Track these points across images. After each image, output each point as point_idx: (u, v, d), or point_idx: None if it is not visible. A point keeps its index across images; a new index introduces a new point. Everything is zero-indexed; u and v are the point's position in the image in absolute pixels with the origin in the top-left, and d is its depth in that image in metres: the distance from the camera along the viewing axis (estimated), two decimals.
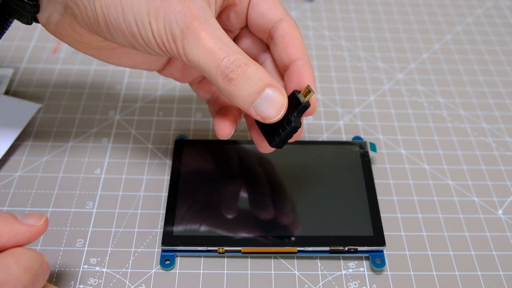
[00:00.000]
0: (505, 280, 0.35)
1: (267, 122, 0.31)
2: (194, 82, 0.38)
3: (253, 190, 0.38)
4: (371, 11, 0.57)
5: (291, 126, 0.31)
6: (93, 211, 0.38)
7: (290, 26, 0.33)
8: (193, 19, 0.29)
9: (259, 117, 0.30)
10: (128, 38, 0.30)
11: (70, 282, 0.34)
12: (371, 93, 0.47)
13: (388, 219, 0.38)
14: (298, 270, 0.35)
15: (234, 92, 0.30)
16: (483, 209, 0.39)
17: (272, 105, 0.30)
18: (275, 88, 0.30)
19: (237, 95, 0.30)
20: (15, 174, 0.39)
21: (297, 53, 0.33)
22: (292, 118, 0.31)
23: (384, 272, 0.35)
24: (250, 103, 0.30)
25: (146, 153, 0.41)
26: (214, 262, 0.35)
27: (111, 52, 0.35)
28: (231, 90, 0.29)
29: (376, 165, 0.41)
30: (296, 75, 0.32)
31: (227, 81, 0.29)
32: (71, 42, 0.34)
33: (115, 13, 0.29)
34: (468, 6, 0.59)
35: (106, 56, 0.35)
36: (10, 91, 0.45)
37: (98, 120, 0.44)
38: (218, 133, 0.34)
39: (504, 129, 0.45)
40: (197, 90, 0.39)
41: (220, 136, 0.34)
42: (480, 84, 0.49)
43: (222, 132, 0.34)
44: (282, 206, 0.37)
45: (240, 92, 0.29)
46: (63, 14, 0.32)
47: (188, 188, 0.37)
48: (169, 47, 0.30)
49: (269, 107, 0.30)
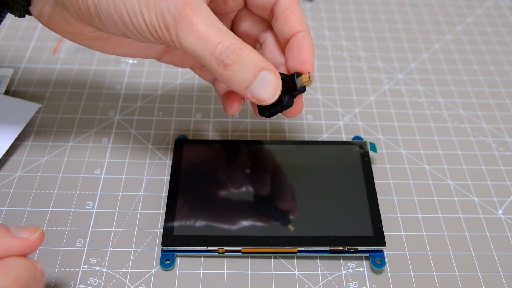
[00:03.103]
0: (505, 280, 0.35)
1: (262, 105, 0.32)
2: (196, 66, 0.39)
3: (253, 190, 0.38)
4: (371, 11, 0.57)
5: (281, 106, 0.33)
6: (93, 211, 0.38)
7: (290, 1, 0.33)
8: (184, 5, 0.29)
9: (255, 100, 0.31)
10: (121, 27, 0.30)
11: (70, 282, 0.34)
12: (371, 93, 0.47)
13: (388, 219, 0.38)
14: (298, 270, 0.35)
15: (230, 77, 0.30)
16: (483, 209, 0.39)
17: (267, 87, 0.31)
18: (270, 71, 0.31)
19: (233, 80, 0.30)
20: (15, 174, 0.39)
21: (298, 26, 0.33)
22: (285, 99, 0.32)
23: (384, 272, 0.35)
24: (246, 87, 0.30)
25: (146, 153, 0.41)
26: (214, 262, 0.35)
27: (105, 42, 0.35)
28: (227, 75, 0.30)
29: (376, 165, 0.41)
30: (296, 46, 0.33)
31: (223, 66, 0.30)
32: (65, 33, 0.34)
33: (106, 3, 0.29)
34: (468, 6, 0.59)
35: (101, 46, 0.35)
36: (10, 91, 0.45)
37: (98, 120, 0.44)
38: (226, 110, 0.36)
39: (504, 129, 0.45)
40: (200, 74, 0.40)
41: (228, 112, 0.35)
42: (480, 84, 0.49)
43: (230, 109, 0.35)
44: (282, 206, 0.37)
45: (236, 77, 0.30)
46: (55, 7, 0.32)
47: (188, 188, 0.37)
48: (162, 35, 0.30)
49: (264, 90, 0.31)
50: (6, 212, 0.37)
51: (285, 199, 0.37)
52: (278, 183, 0.38)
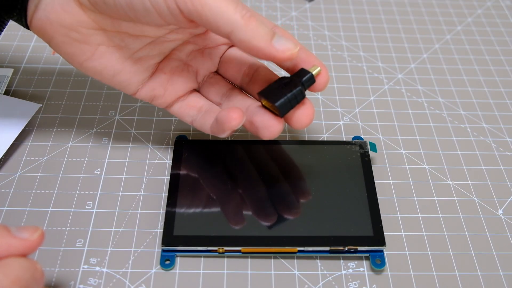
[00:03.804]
0: (505, 280, 0.35)
1: (287, 56, 0.31)
2: (180, 98, 0.38)
3: (253, 190, 0.38)
4: (371, 11, 0.57)
5: (298, 88, 0.33)
6: (93, 211, 0.38)
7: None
8: None
9: (280, 51, 0.31)
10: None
11: (70, 282, 0.34)
12: (371, 93, 0.47)
13: (388, 219, 0.38)
14: (298, 270, 0.35)
15: (255, 28, 0.31)
16: (483, 209, 0.39)
17: (288, 39, 0.32)
18: None
19: (258, 31, 0.31)
20: (15, 174, 0.39)
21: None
22: (299, 84, 0.34)
23: (384, 272, 0.35)
24: (270, 38, 0.31)
25: (146, 153, 0.41)
26: (214, 262, 0.35)
27: (95, 50, 0.33)
28: (252, 27, 0.30)
29: (376, 165, 0.41)
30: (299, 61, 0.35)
31: (248, 18, 0.30)
32: (57, 29, 0.33)
33: None
34: (468, 6, 0.59)
35: (89, 55, 0.34)
36: (10, 91, 0.46)
37: (98, 120, 0.44)
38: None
39: (504, 129, 0.45)
40: (182, 108, 0.38)
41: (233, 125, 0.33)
42: (480, 84, 0.49)
43: (234, 120, 0.33)
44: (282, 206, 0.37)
45: (260, 29, 0.31)
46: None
47: (188, 188, 0.37)
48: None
49: (286, 41, 0.31)
50: (6, 212, 0.37)
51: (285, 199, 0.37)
52: (278, 183, 0.38)
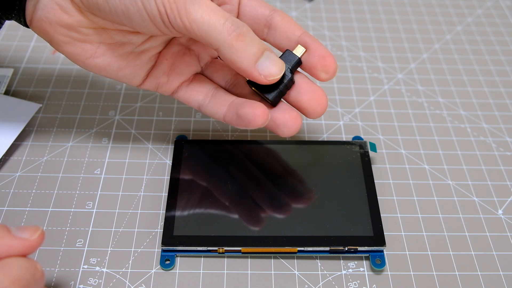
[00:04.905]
0: (505, 280, 0.35)
1: (269, 81, 0.32)
2: (183, 83, 0.37)
3: (253, 190, 0.38)
4: (371, 11, 0.57)
5: (288, 78, 0.33)
6: (93, 211, 0.38)
7: (282, 13, 0.35)
8: None
9: (262, 76, 0.31)
10: (127, 3, 0.30)
11: (70, 282, 0.34)
12: (371, 93, 0.47)
13: (388, 219, 0.38)
14: (298, 270, 0.35)
15: (241, 48, 0.30)
16: (483, 209, 0.39)
17: (275, 63, 0.31)
18: (271, 51, 0.32)
19: (243, 51, 0.30)
20: (15, 174, 0.39)
21: (300, 29, 0.35)
22: (287, 73, 0.33)
23: (384, 272, 0.35)
24: (255, 61, 0.31)
25: (146, 153, 0.41)
26: (214, 262, 0.35)
27: (97, 48, 0.34)
28: (238, 47, 0.30)
29: (376, 165, 0.41)
30: (307, 45, 0.34)
31: (235, 36, 0.30)
32: (57, 29, 0.33)
33: None
34: (468, 6, 0.59)
35: (91, 53, 0.34)
36: (10, 91, 0.45)
37: (98, 120, 0.44)
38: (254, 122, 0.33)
39: (504, 129, 0.45)
40: (188, 93, 0.37)
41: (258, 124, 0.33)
42: (480, 84, 0.49)
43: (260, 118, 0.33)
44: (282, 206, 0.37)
45: (246, 49, 0.30)
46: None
47: (188, 188, 0.37)
48: (169, 9, 0.30)
49: (272, 65, 0.31)
50: (6, 212, 0.37)
51: (285, 199, 0.37)
52: (278, 183, 0.38)
